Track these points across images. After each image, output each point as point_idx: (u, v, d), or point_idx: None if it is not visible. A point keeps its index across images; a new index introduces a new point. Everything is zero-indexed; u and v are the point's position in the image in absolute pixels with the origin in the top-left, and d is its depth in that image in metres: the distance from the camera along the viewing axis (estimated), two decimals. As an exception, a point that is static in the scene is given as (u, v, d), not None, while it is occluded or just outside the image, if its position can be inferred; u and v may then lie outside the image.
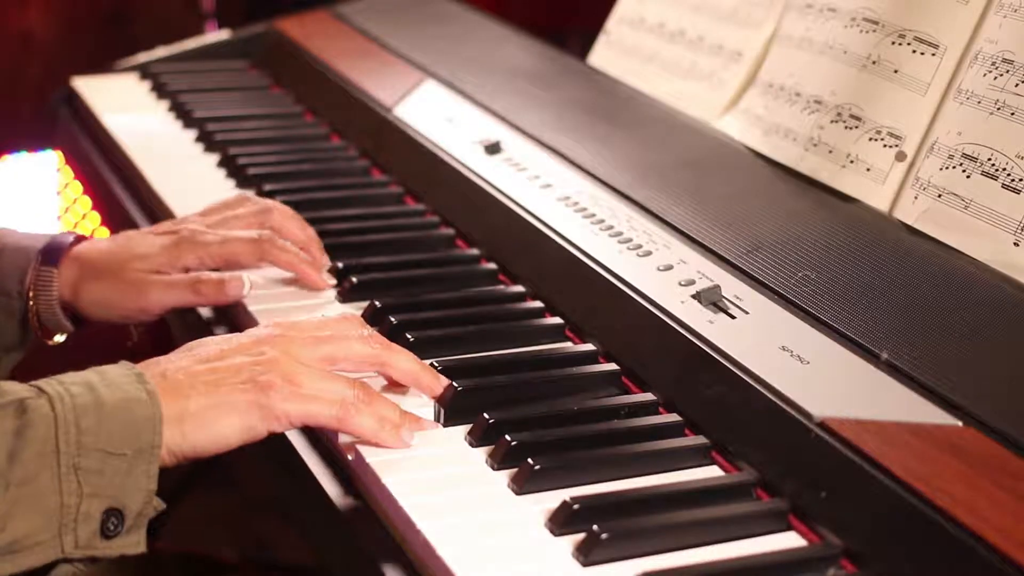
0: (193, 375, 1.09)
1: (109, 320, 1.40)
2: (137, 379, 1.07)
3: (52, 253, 1.39)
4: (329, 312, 1.37)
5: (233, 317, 1.39)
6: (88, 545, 1.03)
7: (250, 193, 1.58)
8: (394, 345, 1.20)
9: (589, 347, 1.29)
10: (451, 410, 1.16)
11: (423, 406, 1.18)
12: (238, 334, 1.16)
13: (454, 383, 1.18)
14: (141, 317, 1.39)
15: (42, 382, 1.06)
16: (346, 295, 1.40)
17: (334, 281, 1.42)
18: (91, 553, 1.04)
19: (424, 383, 1.18)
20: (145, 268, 1.37)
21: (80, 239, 1.42)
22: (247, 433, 1.09)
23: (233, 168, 1.76)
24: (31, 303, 1.37)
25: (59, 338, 1.42)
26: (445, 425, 1.15)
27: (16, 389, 1.04)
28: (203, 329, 1.41)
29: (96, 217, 3.19)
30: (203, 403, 1.07)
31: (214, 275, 1.37)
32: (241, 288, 1.36)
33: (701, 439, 1.12)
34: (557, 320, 1.33)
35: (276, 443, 1.20)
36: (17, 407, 1.02)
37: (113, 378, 1.07)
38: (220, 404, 1.08)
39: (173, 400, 1.07)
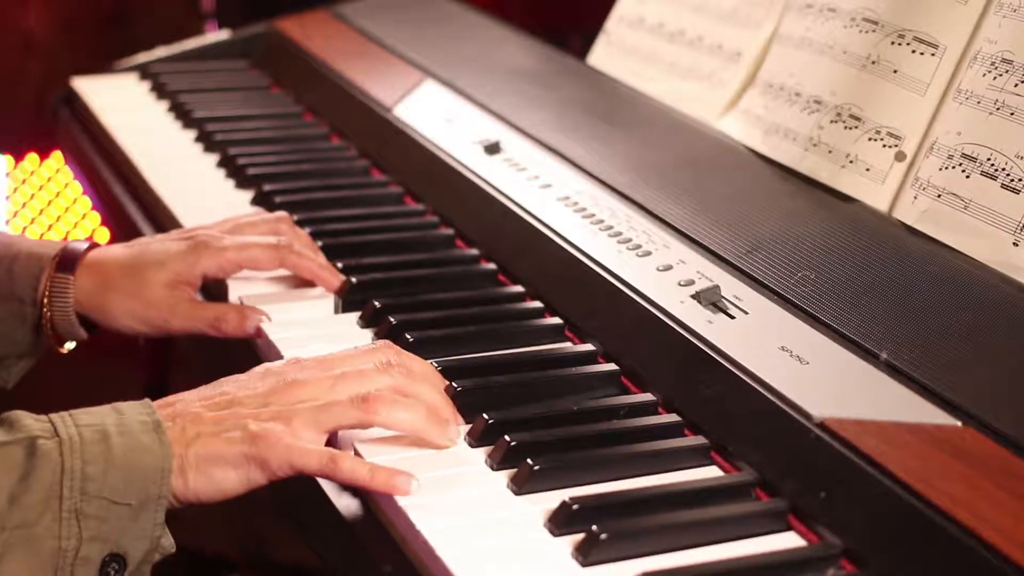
0: (199, 424, 1.08)
1: (131, 333, 1.40)
2: (154, 428, 1.06)
3: (67, 260, 1.38)
4: (330, 310, 1.38)
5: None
6: None
7: (261, 210, 1.55)
8: (416, 373, 1.16)
9: (589, 347, 1.29)
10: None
11: None
12: (257, 376, 1.14)
13: (454, 383, 1.18)
14: (162, 335, 1.40)
15: (57, 419, 1.05)
16: (346, 295, 1.40)
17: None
18: None
19: (429, 431, 1.12)
20: (164, 280, 1.36)
21: (94, 246, 1.41)
22: (246, 484, 1.08)
23: (233, 168, 1.76)
24: (45, 310, 1.37)
25: (70, 345, 1.42)
26: None
27: (30, 425, 1.04)
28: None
29: (96, 217, 3.20)
30: (202, 454, 1.07)
31: (234, 312, 1.35)
32: (259, 323, 1.34)
33: (701, 439, 1.12)
34: (557, 320, 1.33)
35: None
36: (28, 446, 1.02)
37: (129, 423, 1.06)
38: (217, 456, 1.07)
39: (177, 448, 1.06)
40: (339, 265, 1.44)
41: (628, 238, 1.38)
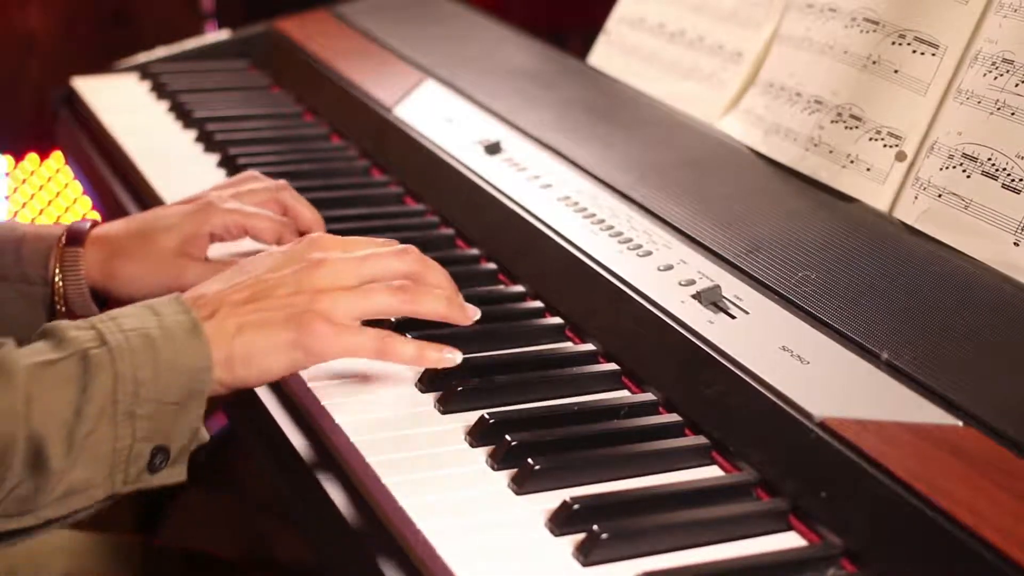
0: (237, 315, 1.13)
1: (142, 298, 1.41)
2: (192, 327, 1.10)
3: (74, 236, 1.40)
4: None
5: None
6: (135, 480, 1.08)
7: (256, 172, 1.56)
8: (430, 262, 1.24)
9: (589, 347, 1.29)
10: (451, 410, 1.16)
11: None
12: (279, 257, 1.19)
13: (454, 382, 1.18)
14: None
15: (101, 325, 1.08)
16: (346, 295, 1.39)
17: None
18: (136, 487, 1.08)
19: (453, 315, 1.22)
20: (174, 243, 1.39)
21: (96, 224, 1.42)
22: (292, 368, 1.14)
23: (233, 168, 1.76)
24: (58, 285, 1.38)
25: None
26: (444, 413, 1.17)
27: (78, 337, 1.07)
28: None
29: (97, 217, 3.19)
30: (248, 344, 1.12)
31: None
32: None
33: (701, 439, 1.12)
34: (557, 320, 1.33)
35: (277, 443, 1.20)
36: (80, 359, 1.05)
37: (169, 325, 1.10)
38: (265, 345, 1.12)
39: (221, 343, 1.11)
40: (339, 265, 1.44)
41: (629, 238, 1.38)
